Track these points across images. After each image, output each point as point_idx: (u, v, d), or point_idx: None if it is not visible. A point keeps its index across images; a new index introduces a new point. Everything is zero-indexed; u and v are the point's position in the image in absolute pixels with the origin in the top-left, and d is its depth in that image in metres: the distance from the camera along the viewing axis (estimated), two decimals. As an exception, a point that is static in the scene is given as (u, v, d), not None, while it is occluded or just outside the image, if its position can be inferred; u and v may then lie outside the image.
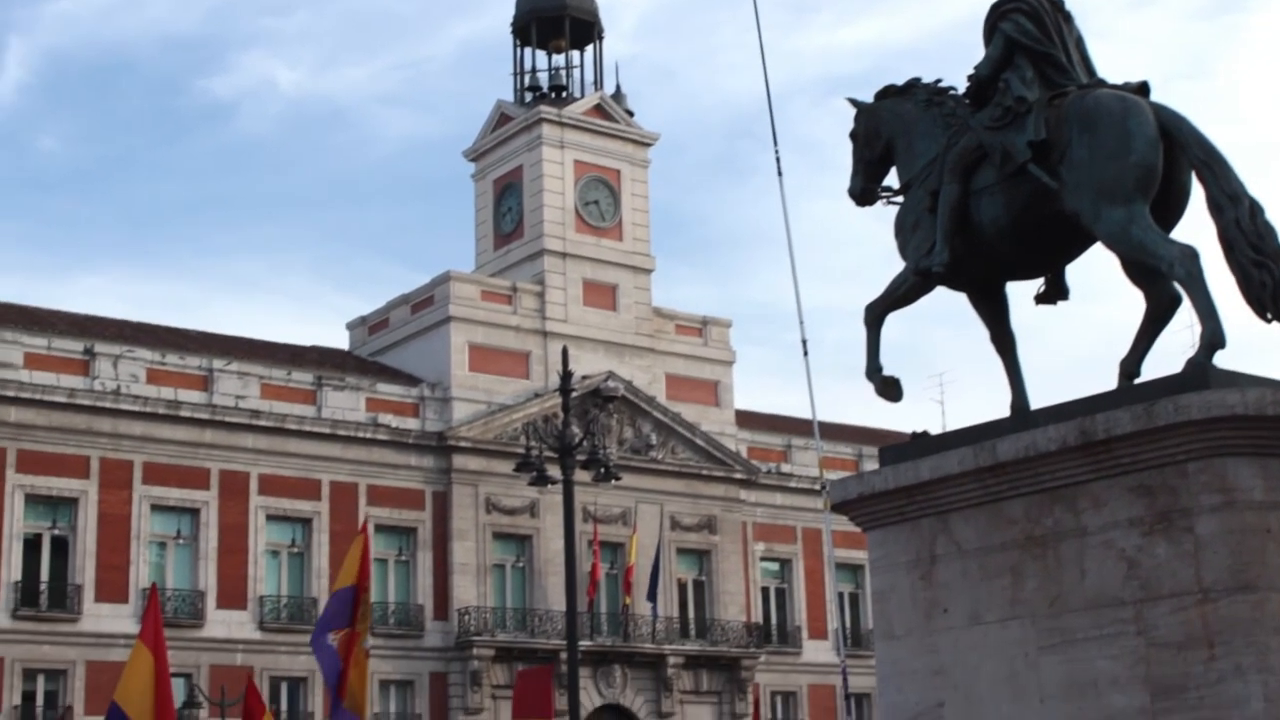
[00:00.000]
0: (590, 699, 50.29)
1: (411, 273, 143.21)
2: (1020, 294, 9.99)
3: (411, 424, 51.66)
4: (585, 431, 32.74)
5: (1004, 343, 9.90)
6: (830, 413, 66.66)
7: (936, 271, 9.60)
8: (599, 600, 52.44)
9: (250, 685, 12.40)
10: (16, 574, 44.41)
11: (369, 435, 50.50)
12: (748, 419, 60.41)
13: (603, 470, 31.27)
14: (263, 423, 48.62)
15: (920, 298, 10.04)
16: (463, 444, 51.74)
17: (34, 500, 45.15)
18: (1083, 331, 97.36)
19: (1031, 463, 8.70)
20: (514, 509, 52.10)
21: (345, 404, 50.51)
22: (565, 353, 32.17)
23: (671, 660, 53.39)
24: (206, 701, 41.67)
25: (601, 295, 56.55)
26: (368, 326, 57.76)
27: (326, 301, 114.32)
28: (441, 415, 52.03)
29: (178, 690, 45.12)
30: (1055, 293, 9.88)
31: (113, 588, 45.37)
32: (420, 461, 51.53)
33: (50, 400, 45.35)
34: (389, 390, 52.14)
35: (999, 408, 10.12)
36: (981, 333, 10.00)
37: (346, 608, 14.52)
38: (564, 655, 30.59)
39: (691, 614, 56.10)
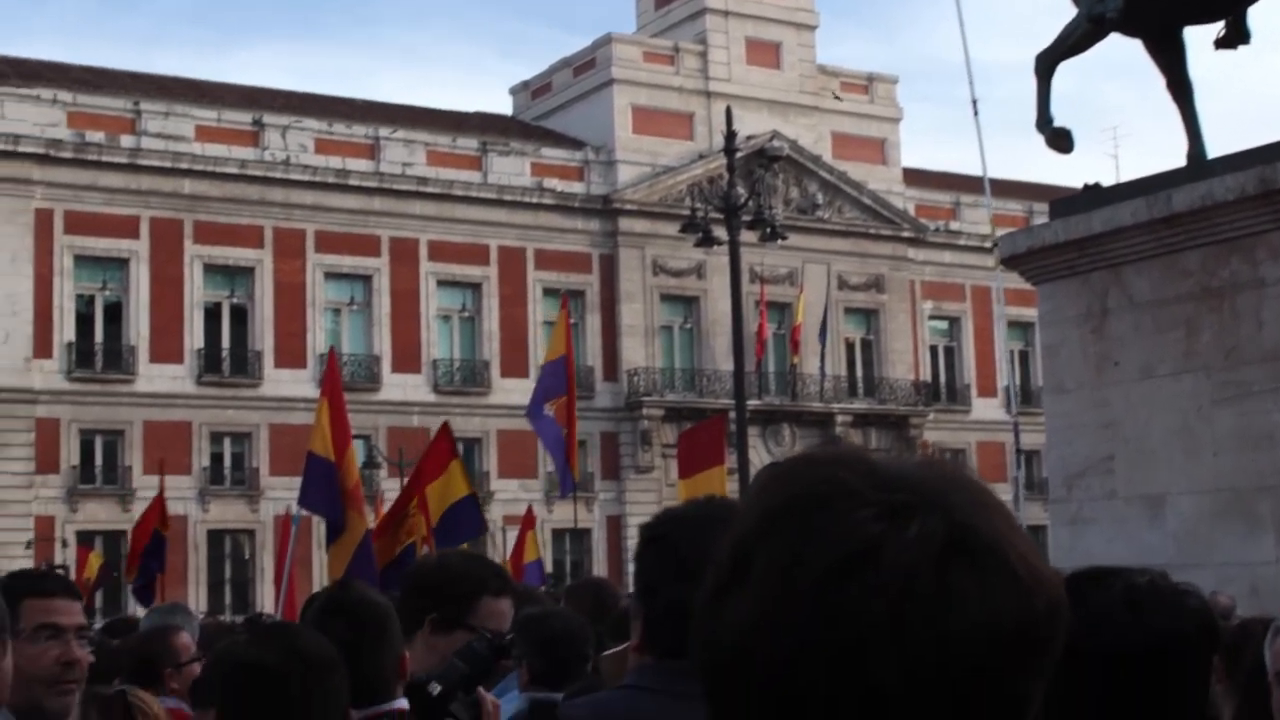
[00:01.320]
0: (759, 457, 50.79)
1: (573, 36, 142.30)
2: (1199, 40, 9.61)
3: (576, 188, 51.79)
4: (750, 192, 32.54)
5: (1181, 90, 9.55)
6: (1000, 168, 65.41)
7: (1111, 17, 9.25)
8: (766, 360, 52.66)
9: (444, 428, 12.61)
10: (199, 342, 45.75)
11: (535, 200, 50.75)
12: (915, 177, 59.58)
13: (768, 230, 31.09)
14: (430, 189, 49.07)
15: (1093, 45, 9.70)
16: (628, 207, 51.79)
17: (212, 270, 46.28)
18: (1264, 79, 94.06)
19: (1208, 213, 8.46)
20: (680, 271, 52.25)
21: (510, 169, 50.71)
22: (729, 113, 31.78)
23: (839, 418, 53.67)
24: (385, 462, 42.95)
25: (765, 53, 55.68)
26: (530, 91, 57.62)
27: (489, 68, 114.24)
28: (606, 178, 52.06)
29: (357, 451, 46.51)
30: (1236, 37, 9.46)
31: (291, 354, 46.56)
32: (586, 225, 51.74)
33: (223, 172, 46.15)
34: (553, 154, 52.20)
35: (1174, 160, 9.83)
36: (1157, 83, 9.66)
37: (560, 378, 14.81)
38: (732, 414, 30.86)
39: (859, 373, 56.19)
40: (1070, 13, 9.68)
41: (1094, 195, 9.35)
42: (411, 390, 48.11)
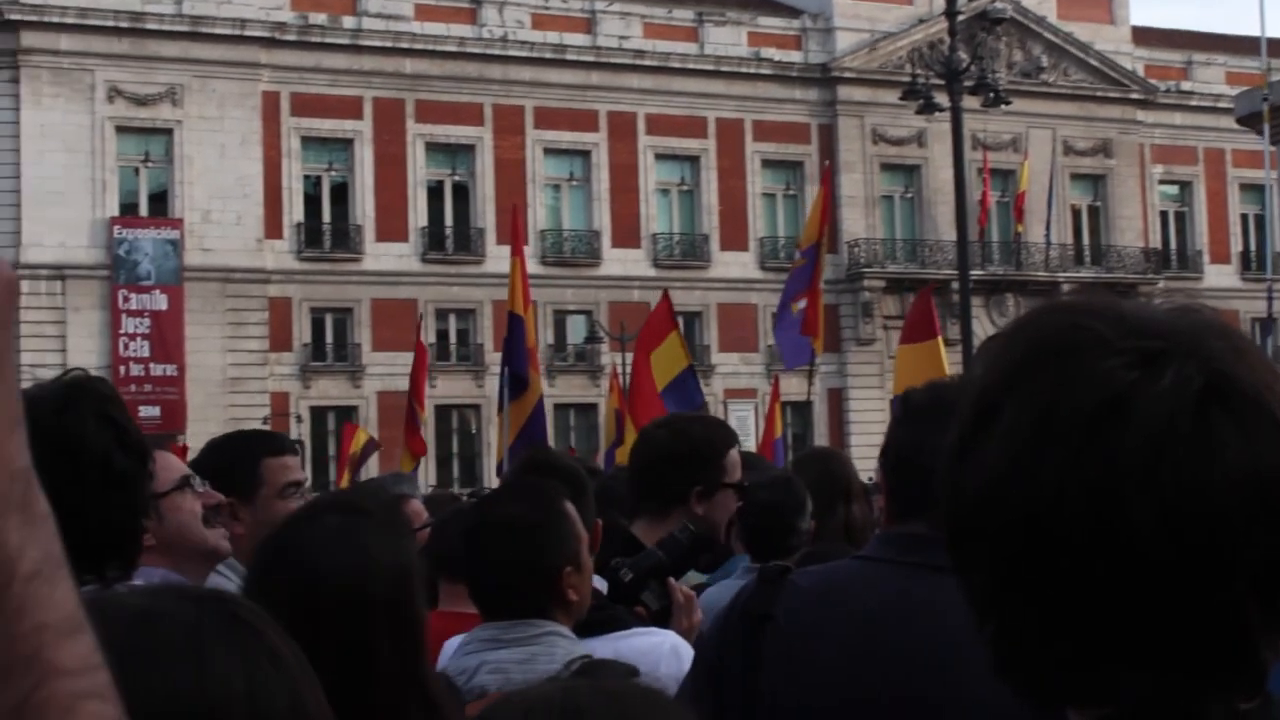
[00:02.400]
0: (982, 328, 50.05)
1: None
2: None
3: (794, 57, 51.11)
4: (972, 56, 31.69)
5: None
6: (1234, 24, 62.90)
7: None
8: (990, 229, 51.66)
9: (665, 297, 12.58)
10: (423, 220, 46.44)
11: (752, 70, 50.23)
12: (1145, 35, 57.52)
13: (991, 95, 30.36)
14: (646, 62, 48.86)
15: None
16: (847, 75, 50.98)
17: (434, 148, 46.84)
18: None
19: None
20: (901, 139, 51.39)
21: (727, 39, 50.22)
22: (949, -26, 30.94)
23: (1065, 287, 52.48)
24: (606, 336, 43.28)
25: (986, -88, 54.05)
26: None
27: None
28: (824, 46, 51.27)
29: (578, 327, 47.07)
30: None
31: (509, 230, 46.91)
32: (804, 95, 51.10)
33: (442, 50, 46.52)
34: (770, 23, 51.52)
35: None
36: None
37: (808, 272, 14.26)
38: (955, 285, 30.37)
39: (1086, 240, 54.89)
40: None
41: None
42: (631, 265, 48.28)
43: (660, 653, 3.51)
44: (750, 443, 17.83)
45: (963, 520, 1.19)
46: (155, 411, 40.04)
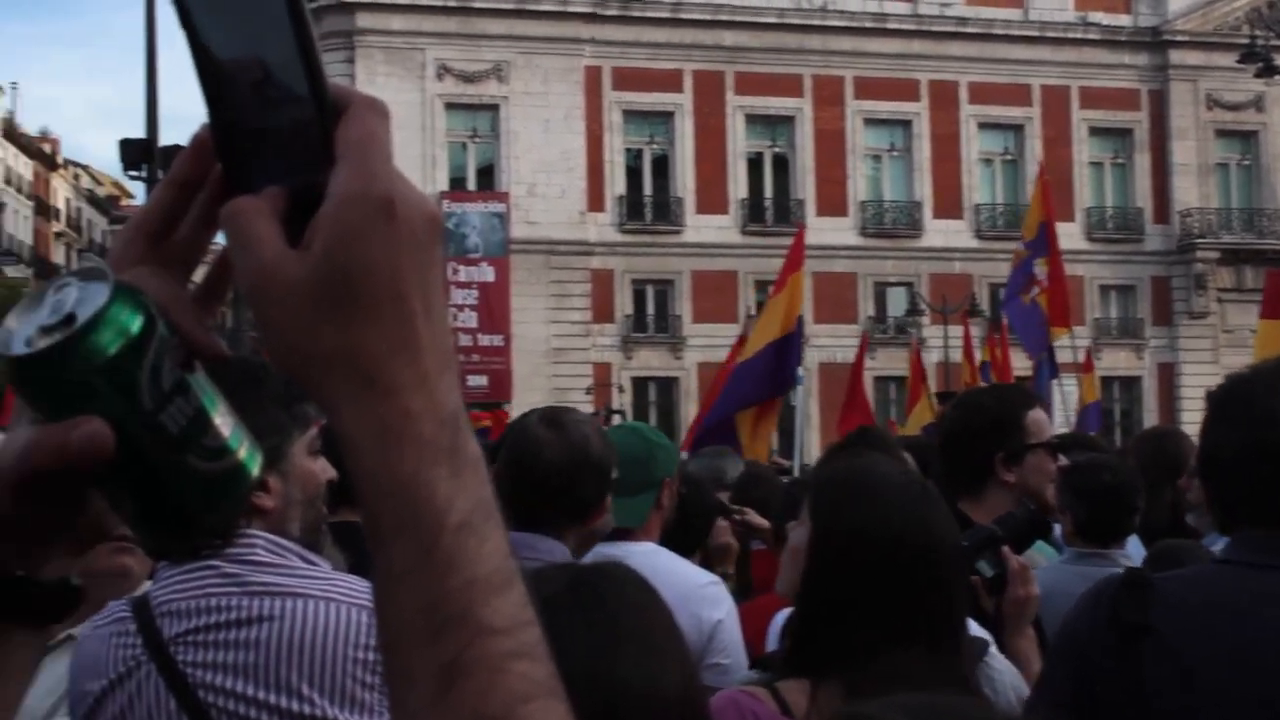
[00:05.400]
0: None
1: None
2: None
3: (1123, 20, 49.52)
4: (1317, 15, 30.24)
5: None
6: None
7: None
8: (1333, 196, 49.33)
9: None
10: (742, 192, 46.57)
11: (1079, 35, 48.86)
12: None
13: (1338, 56, 28.94)
14: (969, 30, 47.98)
15: None
16: (1180, 38, 49.16)
17: (753, 120, 46.91)
18: None
19: None
20: (1237, 104, 49.34)
21: (1052, 4, 48.96)
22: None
23: None
24: (928, 308, 42.73)
25: None
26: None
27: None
28: (1155, 9, 49.54)
29: (898, 299, 46.59)
30: None
31: (831, 202, 46.79)
32: (1134, 59, 49.49)
33: (762, 22, 46.50)
34: (1099, -13, 50.05)
35: None
36: None
37: (1028, 267, 13.98)
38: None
39: None
40: None
41: None
42: (953, 236, 47.58)
43: None
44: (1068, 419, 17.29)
45: None
46: (483, 381, 41.08)
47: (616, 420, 37.23)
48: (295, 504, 2.80)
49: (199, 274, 1.03)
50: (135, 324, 0.92)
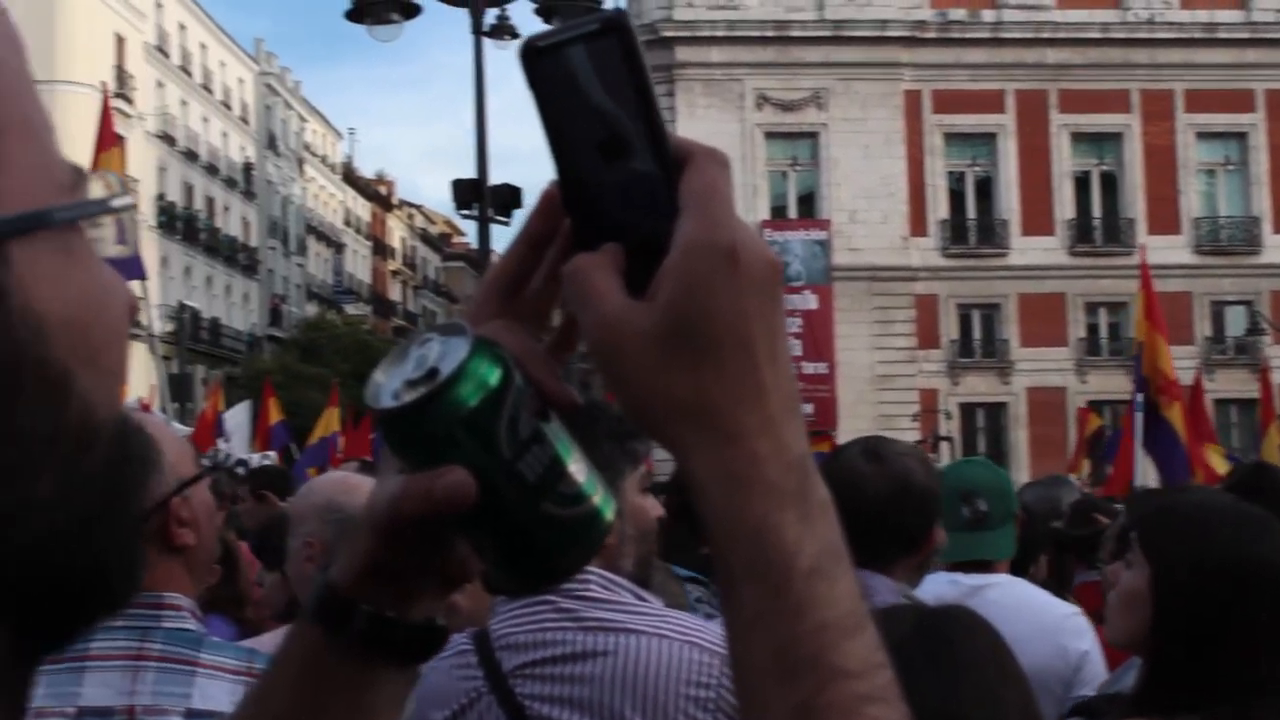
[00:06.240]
0: None
1: None
2: None
3: None
4: None
5: None
6: None
7: None
8: None
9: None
10: (1069, 211, 45.62)
11: None
12: None
13: None
14: (1308, 35, 46.16)
15: None
16: None
17: (1079, 139, 45.98)
18: None
19: None
20: None
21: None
22: None
23: None
24: (1269, 326, 41.20)
25: None
26: None
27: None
28: None
29: (1237, 318, 44.89)
30: None
31: (1163, 219, 45.47)
32: None
33: (1085, 38, 45.55)
34: None
35: None
36: None
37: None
38: None
39: None
40: None
41: None
42: (1298, 253, 45.74)
43: None
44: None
45: None
46: (809, 409, 41.05)
47: (944, 447, 36.86)
48: (628, 540, 2.85)
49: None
50: (494, 377, 0.96)
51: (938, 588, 3.84)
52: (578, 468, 1.00)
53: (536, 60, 0.97)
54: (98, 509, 0.73)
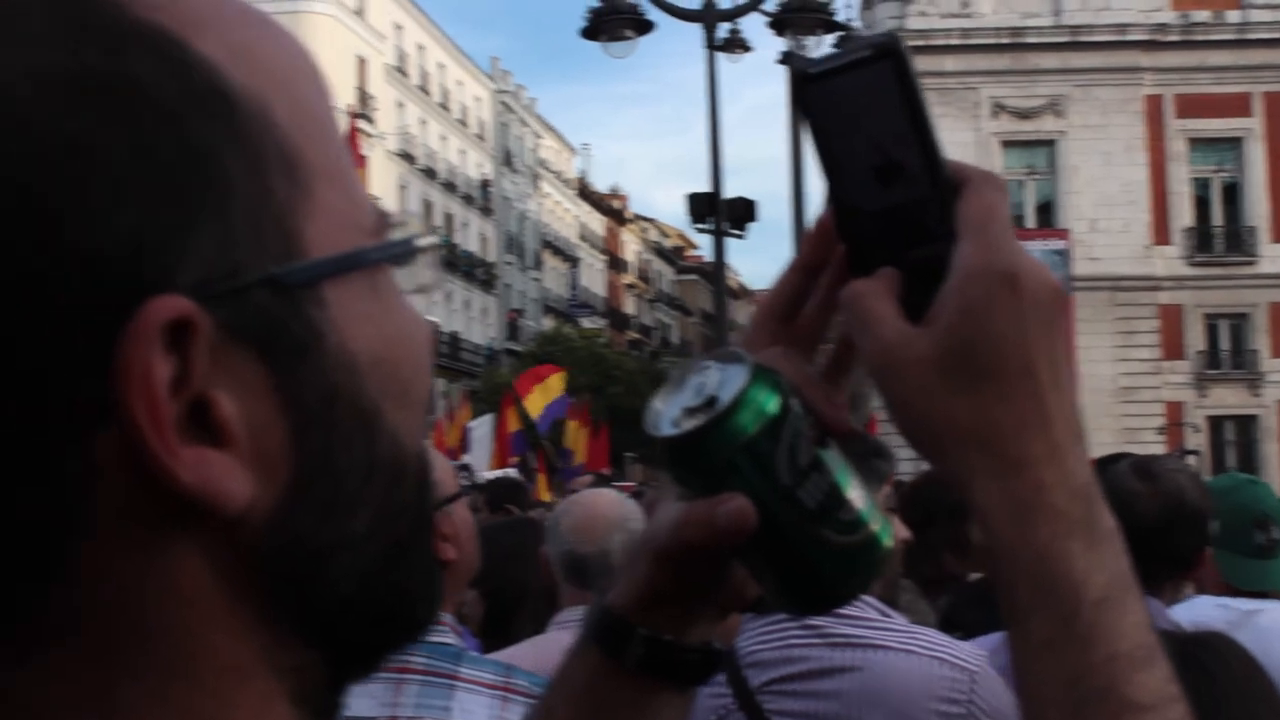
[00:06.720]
0: None
1: None
2: None
3: None
4: None
5: None
6: None
7: None
8: None
9: None
10: (1188, 219, 44.21)
11: None
12: None
13: None
14: None
15: None
16: None
17: (1197, 144, 44.44)
18: None
19: None
20: None
21: None
22: None
23: None
24: None
25: None
26: None
27: None
28: None
29: None
30: None
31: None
32: None
33: (1203, 39, 44.11)
34: None
35: None
36: None
37: None
38: None
39: None
40: None
41: None
42: None
43: None
44: None
45: None
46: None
47: (1191, 461, 35.89)
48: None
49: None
50: (772, 404, 0.96)
51: (1205, 611, 3.72)
52: (856, 495, 1.00)
53: (810, 87, 0.97)
54: (407, 539, 0.74)
